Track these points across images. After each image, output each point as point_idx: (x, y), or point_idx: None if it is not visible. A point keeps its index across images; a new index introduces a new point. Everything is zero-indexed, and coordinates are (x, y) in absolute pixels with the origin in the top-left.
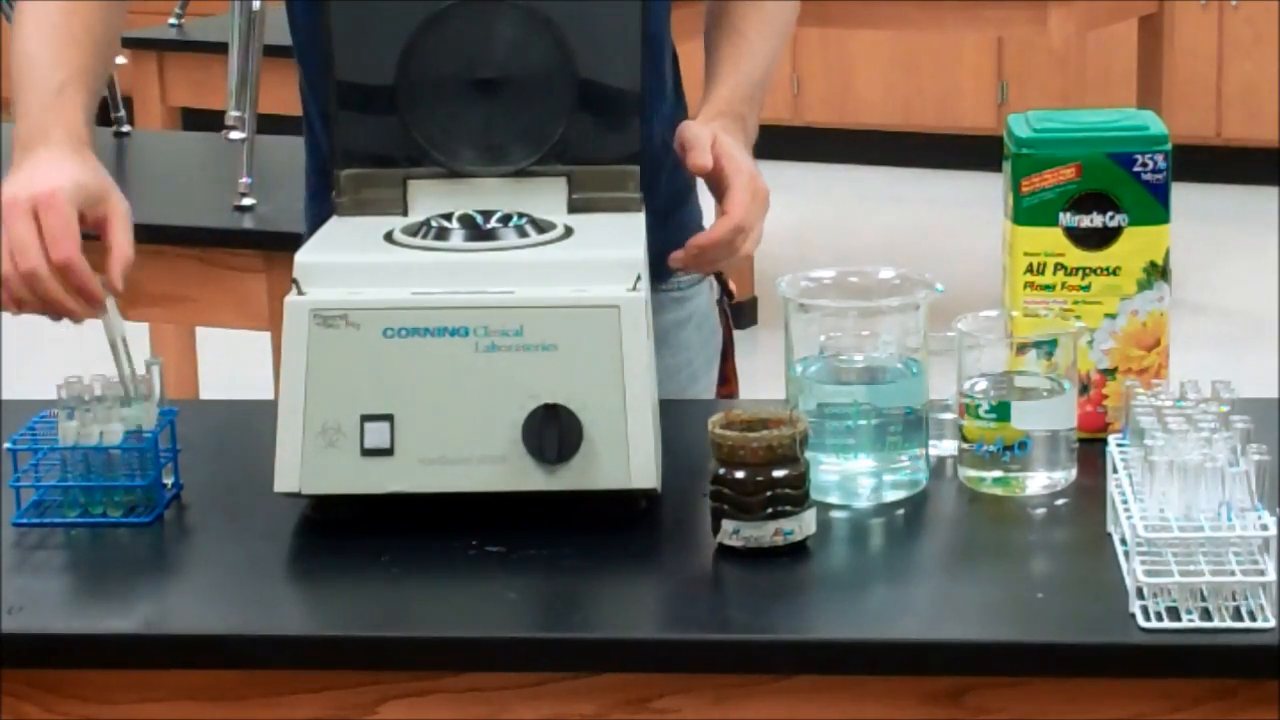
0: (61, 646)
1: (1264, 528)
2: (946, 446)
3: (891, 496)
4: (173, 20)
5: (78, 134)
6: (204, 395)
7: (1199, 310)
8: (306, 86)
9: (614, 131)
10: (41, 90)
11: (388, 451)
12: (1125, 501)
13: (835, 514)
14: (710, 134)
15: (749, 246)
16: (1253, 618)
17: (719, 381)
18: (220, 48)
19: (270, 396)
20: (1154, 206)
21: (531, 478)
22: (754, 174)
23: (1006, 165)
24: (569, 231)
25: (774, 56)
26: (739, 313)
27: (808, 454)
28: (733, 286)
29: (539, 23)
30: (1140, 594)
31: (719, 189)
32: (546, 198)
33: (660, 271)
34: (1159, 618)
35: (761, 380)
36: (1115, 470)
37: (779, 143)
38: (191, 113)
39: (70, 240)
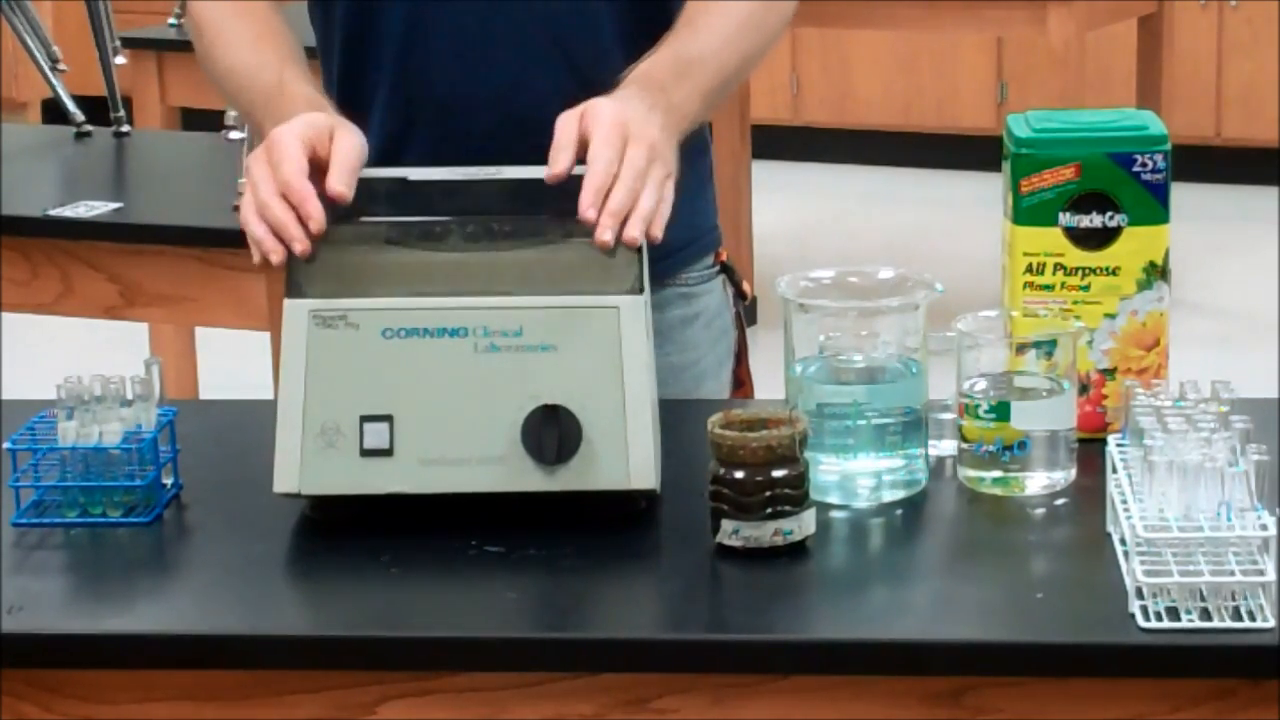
0: (61, 646)
1: (1263, 528)
2: (946, 446)
3: (891, 496)
4: (172, 20)
5: (315, 102)
6: (204, 395)
7: (1198, 310)
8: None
9: None
10: (264, 94)
11: (387, 452)
12: (1125, 501)
13: (835, 514)
14: (579, 113)
15: (652, 189)
16: (1252, 618)
17: (733, 385)
18: None
19: (270, 396)
20: (1153, 206)
21: (531, 478)
22: (617, 121)
23: (1006, 165)
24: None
25: (728, 42)
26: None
27: (807, 454)
28: (746, 287)
29: None
30: (1140, 594)
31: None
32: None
33: (667, 268)
34: (1158, 618)
35: (761, 380)
36: (1115, 470)
37: (779, 143)
38: (191, 113)
39: (289, 164)
